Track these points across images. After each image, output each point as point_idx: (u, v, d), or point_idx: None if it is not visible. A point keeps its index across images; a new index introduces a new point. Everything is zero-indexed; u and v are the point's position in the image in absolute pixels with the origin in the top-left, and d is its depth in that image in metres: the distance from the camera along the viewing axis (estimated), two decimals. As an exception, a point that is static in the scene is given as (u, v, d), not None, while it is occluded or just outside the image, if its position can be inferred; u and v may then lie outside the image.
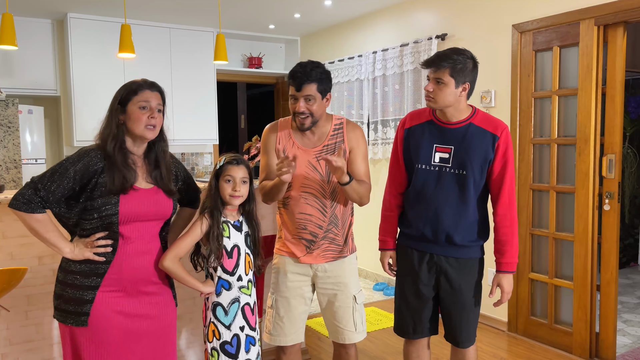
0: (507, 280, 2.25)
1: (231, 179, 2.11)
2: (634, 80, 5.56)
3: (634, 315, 4.34)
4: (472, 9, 4.14)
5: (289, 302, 2.38)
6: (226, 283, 2.11)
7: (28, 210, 1.82)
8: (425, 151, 2.26)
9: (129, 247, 1.93)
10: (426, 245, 2.28)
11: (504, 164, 2.19)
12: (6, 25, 3.29)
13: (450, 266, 2.25)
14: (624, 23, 3.25)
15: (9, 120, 4.65)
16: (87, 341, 1.89)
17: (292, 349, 2.43)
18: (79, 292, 1.89)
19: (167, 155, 2.07)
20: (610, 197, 3.37)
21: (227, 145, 7.83)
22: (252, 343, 2.16)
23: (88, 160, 1.87)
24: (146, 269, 1.97)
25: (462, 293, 2.26)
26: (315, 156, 2.32)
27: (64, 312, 1.91)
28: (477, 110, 2.26)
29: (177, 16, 5.21)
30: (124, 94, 1.96)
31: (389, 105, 4.93)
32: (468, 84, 2.19)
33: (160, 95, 2.00)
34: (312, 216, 2.33)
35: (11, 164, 4.67)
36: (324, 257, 2.36)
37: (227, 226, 2.12)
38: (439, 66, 2.15)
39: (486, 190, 2.28)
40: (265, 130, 2.46)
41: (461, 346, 2.32)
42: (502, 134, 2.18)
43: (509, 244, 2.24)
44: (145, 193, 1.96)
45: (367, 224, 5.29)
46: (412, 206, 2.32)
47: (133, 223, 1.92)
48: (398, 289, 2.42)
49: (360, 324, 2.41)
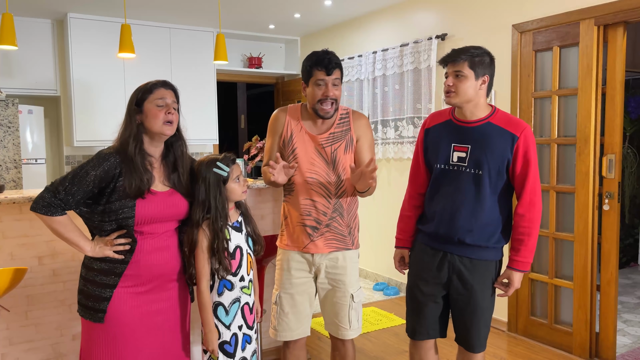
0: (517, 277, 2.22)
1: (239, 177, 2.13)
2: (634, 80, 5.56)
3: (634, 315, 4.34)
4: (472, 9, 4.14)
5: (294, 297, 2.40)
6: (228, 283, 2.12)
7: (48, 213, 1.88)
8: (444, 151, 2.25)
9: (146, 245, 1.97)
10: (440, 243, 2.26)
11: (525, 164, 2.14)
12: (6, 25, 3.29)
13: (464, 266, 2.22)
14: (624, 23, 3.25)
15: (9, 120, 4.65)
16: (102, 337, 1.94)
17: (296, 344, 2.45)
18: (98, 289, 1.94)
19: (186, 157, 2.09)
20: (610, 197, 3.37)
21: (227, 145, 7.84)
22: (248, 341, 2.18)
23: (109, 165, 1.90)
24: (163, 265, 2.01)
25: (474, 294, 2.21)
26: (322, 143, 2.36)
27: (84, 307, 1.97)
28: (497, 109, 2.22)
29: (177, 16, 5.21)
30: (140, 95, 2.00)
31: (389, 105, 4.93)
32: (487, 77, 2.18)
33: (174, 93, 2.05)
34: (317, 202, 2.35)
35: (11, 164, 4.67)
36: (327, 247, 2.37)
37: (228, 229, 2.12)
38: (458, 59, 2.16)
39: (509, 191, 2.23)
40: (274, 113, 2.48)
41: (472, 350, 2.27)
42: (522, 134, 2.13)
43: (523, 244, 2.19)
44: (162, 196, 1.99)
45: (368, 224, 5.29)
46: (430, 204, 2.31)
47: (149, 224, 1.97)
48: (408, 288, 2.40)
49: (356, 322, 2.43)
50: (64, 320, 2.74)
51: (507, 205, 2.25)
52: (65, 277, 2.72)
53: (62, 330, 2.74)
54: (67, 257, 2.71)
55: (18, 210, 2.62)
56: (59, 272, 2.71)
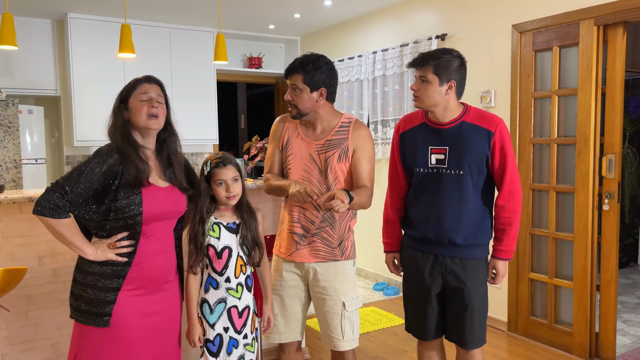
0: (502, 265, 2.26)
1: (222, 182, 2.10)
2: (634, 80, 5.56)
3: (634, 315, 4.34)
4: (472, 9, 4.14)
5: (283, 300, 2.38)
6: (214, 282, 2.13)
7: (55, 215, 1.80)
8: (422, 154, 2.27)
9: (149, 246, 1.96)
10: (430, 246, 2.28)
11: (503, 157, 2.18)
12: (6, 25, 3.29)
13: (456, 266, 2.25)
14: (624, 23, 3.25)
15: (9, 120, 4.65)
16: (109, 341, 1.91)
17: (290, 347, 2.43)
18: (101, 294, 1.90)
19: (179, 151, 2.09)
20: (610, 197, 3.37)
21: (227, 145, 7.84)
22: (235, 346, 2.15)
23: (112, 161, 1.89)
24: (163, 267, 2.01)
25: (468, 293, 2.25)
26: (317, 149, 2.32)
27: (84, 314, 1.92)
28: (469, 107, 2.24)
29: (177, 16, 5.21)
30: (124, 92, 2.01)
31: (389, 106, 4.93)
32: (454, 82, 2.17)
33: (159, 87, 2.02)
34: (306, 210, 2.32)
35: (11, 164, 4.67)
36: (313, 257, 2.32)
37: (218, 227, 2.13)
38: (423, 64, 2.17)
39: (491, 185, 2.27)
40: (276, 120, 2.48)
41: (466, 347, 2.30)
42: (497, 128, 2.16)
43: (505, 234, 2.23)
44: (164, 191, 1.99)
45: (367, 224, 5.29)
46: (414, 209, 2.33)
47: (153, 222, 1.95)
48: (405, 291, 2.43)
49: (350, 333, 2.33)
50: (64, 320, 2.74)
51: (490, 198, 2.29)
52: (65, 277, 2.72)
53: (62, 330, 2.74)
54: (67, 257, 2.71)
55: (18, 210, 2.62)
56: (59, 272, 2.71)
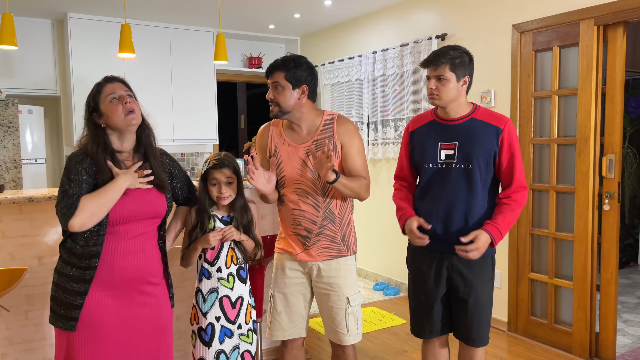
0: (484, 238, 2.15)
1: (216, 182, 2.20)
2: (634, 80, 5.56)
3: (634, 315, 4.34)
4: (472, 9, 4.14)
5: (287, 297, 2.39)
6: (206, 272, 2.24)
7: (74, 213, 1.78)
8: (431, 150, 2.30)
9: (119, 246, 1.90)
10: (438, 244, 2.28)
11: (511, 156, 2.22)
12: (6, 25, 3.29)
13: (463, 264, 2.26)
14: (624, 23, 3.25)
15: (9, 120, 4.65)
16: (80, 344, 1.88)
17: (293, 343, 2.44)
18: (69, 297, 1.87)
19: (155, 144, 2.05)
20: (610, 197, 3.37)
21: (227, 145, 7.83)
22: (228, 335, 2.22)
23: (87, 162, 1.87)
24: (140, 268, 1.94)
25: (475, 290, 2.26)
26: (305, 152, 2.31)
27: (55, 315, 1.91)
28: (478, 106, 2.31)
29: (177, 16, 5.21)
30: (91, 100, 1.97)
31: (389, 106, 4.93)
32: (468, 77, 2.25)
33: (123, 84, 1.99)
34: (306, 212, 2.32)
35: (11, 164, 4.67)
36: (321, 256, 2.34)
37: (214, 220, 2.23)
38: (439, 63, 2.21)
39: (495, 185, 2.30)
40: (259, 130, 2.47)
41: (472, 344, 2.32)
42: (506, 126, 2.22)
43: (502, 215, 2.19)
44: (135, 193, 1.93)
45: (367, 224, 5.29)
46: (423, 204, 2.34)
47: (123, 224, 1.90)
48: (411, 290, 2.44)
49: (355, 327, 2.37)
50: (64, 320, 2.74)
51: (492, 200, 2.30)
52: (65, 277, 2.72)
53: (62, 330, 2.74)
54: (67, 257, 2.71)
55: (18, 210, 2.62)
56: (59, 272, 2.71)
